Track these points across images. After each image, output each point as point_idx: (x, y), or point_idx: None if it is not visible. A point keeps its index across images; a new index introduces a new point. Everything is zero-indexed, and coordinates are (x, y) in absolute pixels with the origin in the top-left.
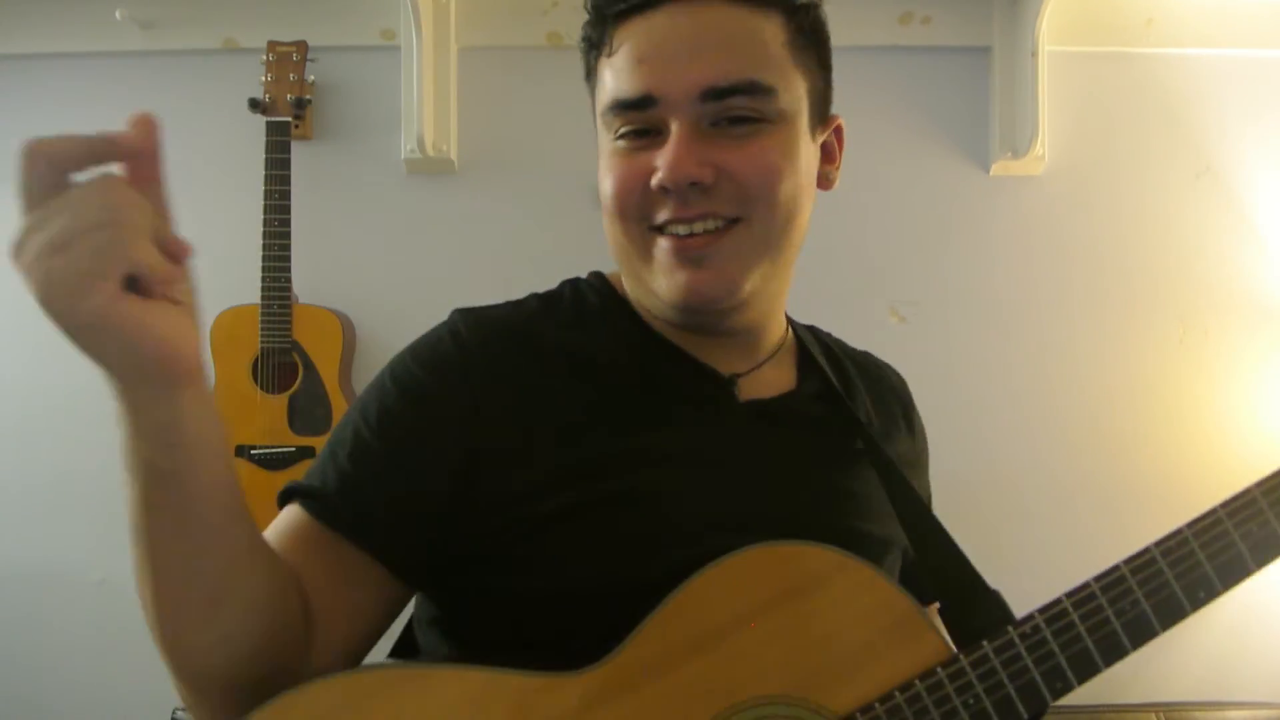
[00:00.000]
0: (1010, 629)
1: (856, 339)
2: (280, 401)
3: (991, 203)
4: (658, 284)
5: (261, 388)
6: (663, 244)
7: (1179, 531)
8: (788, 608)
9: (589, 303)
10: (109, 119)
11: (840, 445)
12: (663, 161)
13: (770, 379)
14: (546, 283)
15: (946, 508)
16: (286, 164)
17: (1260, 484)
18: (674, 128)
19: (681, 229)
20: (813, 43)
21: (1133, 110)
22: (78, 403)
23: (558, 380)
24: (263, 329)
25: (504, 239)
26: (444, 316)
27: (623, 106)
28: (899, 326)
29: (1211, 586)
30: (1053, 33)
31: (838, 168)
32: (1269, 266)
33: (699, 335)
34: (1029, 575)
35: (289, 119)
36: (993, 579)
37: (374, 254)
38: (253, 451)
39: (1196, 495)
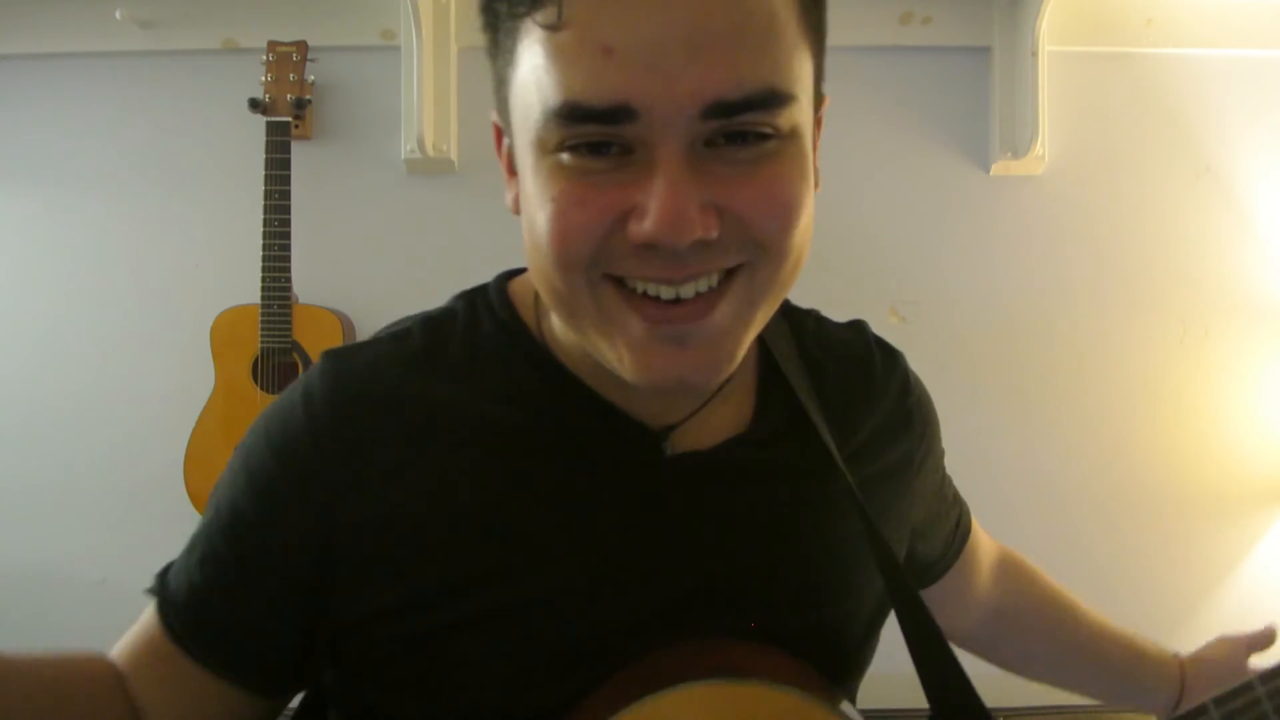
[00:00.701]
0: None
1: None
2: None
3: (991, 202)
4: (617, 356)
5: (261, 387)
6: (634, 318)
7: (1250, 687)
8: None
9: (484, 335)
10: (109, 119)
11: (808, 493)
12: (656, 211)
13: (718, 418)
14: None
15: None
16: (286, 164)
17: None
18: (663, 155)
19: (665, 292)
20: (817, 19)
21: (1132, 110)
22: (79, 405)
23: (433, 456)
24: (263, 329)
25: (504, 239)
26: None
27: (585, 116)
28: (899, 326)
29: None
30: (1053, 33)
31: (817, 155)
32: (1268, 266)
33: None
34: None
35: (289, 119)
36: None
37: (374, 254)
38: None
39: (1195, 494)
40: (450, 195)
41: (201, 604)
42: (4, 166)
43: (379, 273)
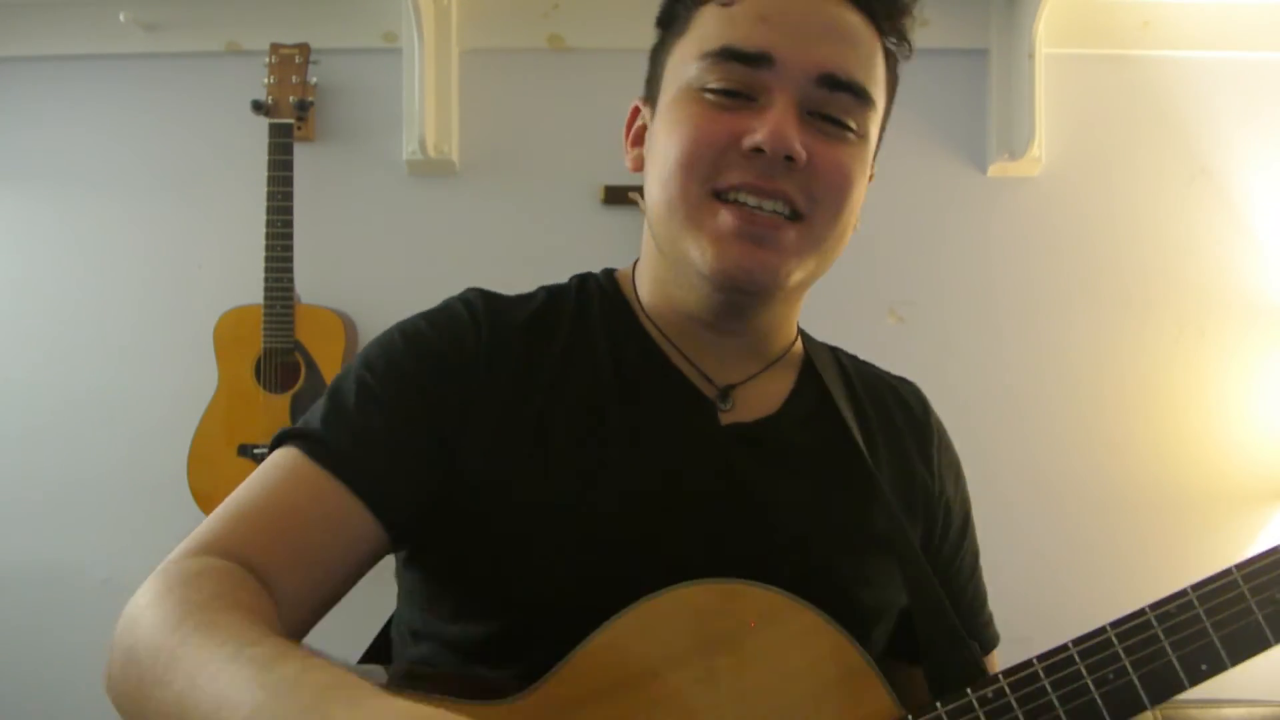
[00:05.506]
0: (969, 691)
1: (855, 340)
2: (283, 401)
3: (989, 204)
4: (702, 251)
5: (264, 387)
6: (725, 214)
7: (1182, 593)
8: (724, 651)
9: (590, 300)
10: (113, 121)
11: (834, 472)
12: (769, 124)
13: (765, 391)
14: (546, 284)
15: None
16: (289, 165)
17: None
18: (780, 99)
19: (753, 200)
20: (893, 85)
21: (1129, 112)
22: (82, 405)
23: (547, 375)
24: (265, 329)
25: (505, 239)
26: None
27: (734, 56)
28: (897, 327)
29: (1217, 659)
30: (1049, 35)
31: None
32: (1263, 266)
33: (703, 335)
34: (1023, 575)
35: (291, 121)
36: (987, 580)
37: (376, 254)
38: (255, 450)
39: (1191, 494)
40: (451, 196)
41: (358, 433)
42: (8, 168)
43: (381, 273)
